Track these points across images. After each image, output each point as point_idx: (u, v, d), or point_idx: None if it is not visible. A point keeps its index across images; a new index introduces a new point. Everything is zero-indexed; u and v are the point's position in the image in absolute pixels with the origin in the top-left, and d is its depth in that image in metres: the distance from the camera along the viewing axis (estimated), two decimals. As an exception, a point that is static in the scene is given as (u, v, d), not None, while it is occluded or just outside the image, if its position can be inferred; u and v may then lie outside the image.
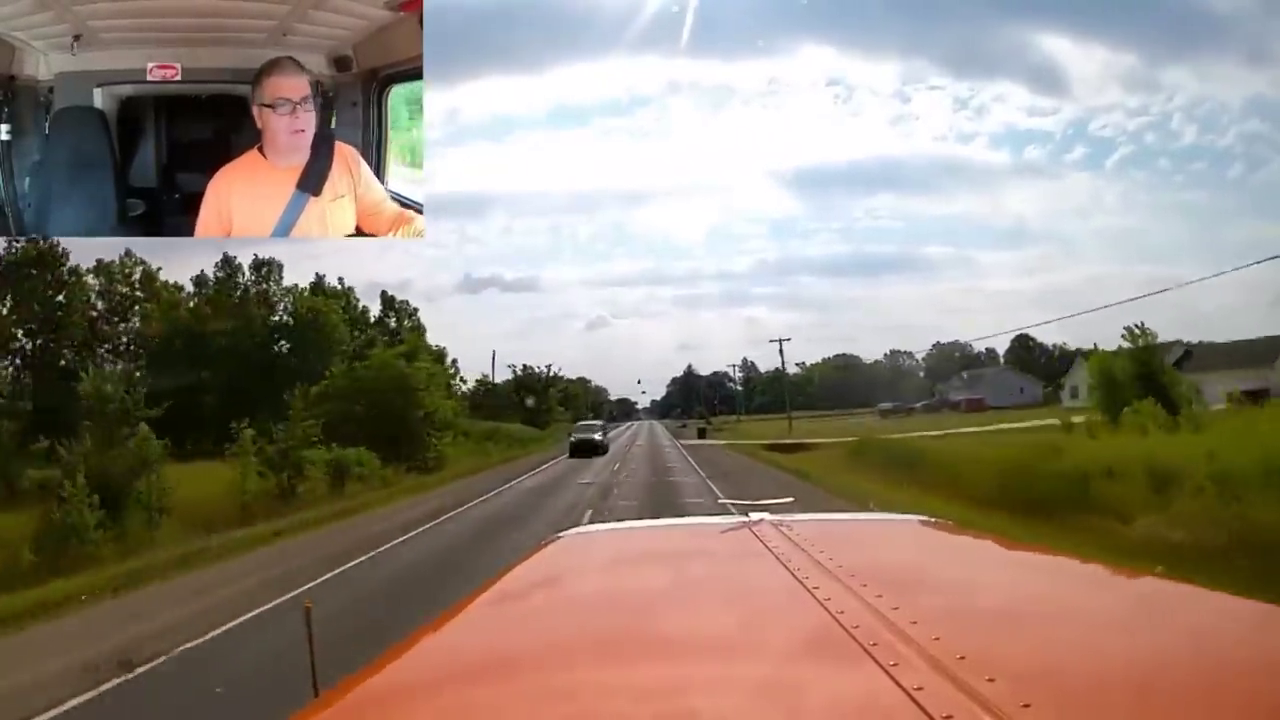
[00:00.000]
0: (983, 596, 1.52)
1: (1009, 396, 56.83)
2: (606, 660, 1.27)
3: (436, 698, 1.20)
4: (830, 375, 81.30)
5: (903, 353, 79.07)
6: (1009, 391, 59.06)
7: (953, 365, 72.48)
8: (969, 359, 74.14)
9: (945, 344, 74.85)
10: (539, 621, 1.56)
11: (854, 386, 73.48)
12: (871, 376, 73.73)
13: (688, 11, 61.25)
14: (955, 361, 73.81)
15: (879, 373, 75.81)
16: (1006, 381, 62.78)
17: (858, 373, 76.73)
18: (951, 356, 74.79)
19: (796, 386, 74.24)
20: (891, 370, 78.16)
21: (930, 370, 76.60)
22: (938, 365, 75.14)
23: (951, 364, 73.32)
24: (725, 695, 1.07)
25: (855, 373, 77.25)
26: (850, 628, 1.18)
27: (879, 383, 71.51)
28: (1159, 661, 1.13)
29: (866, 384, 71.01)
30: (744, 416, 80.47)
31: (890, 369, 78.24)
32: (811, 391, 76.29)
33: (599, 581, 1.86)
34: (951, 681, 0.98)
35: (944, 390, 66.91)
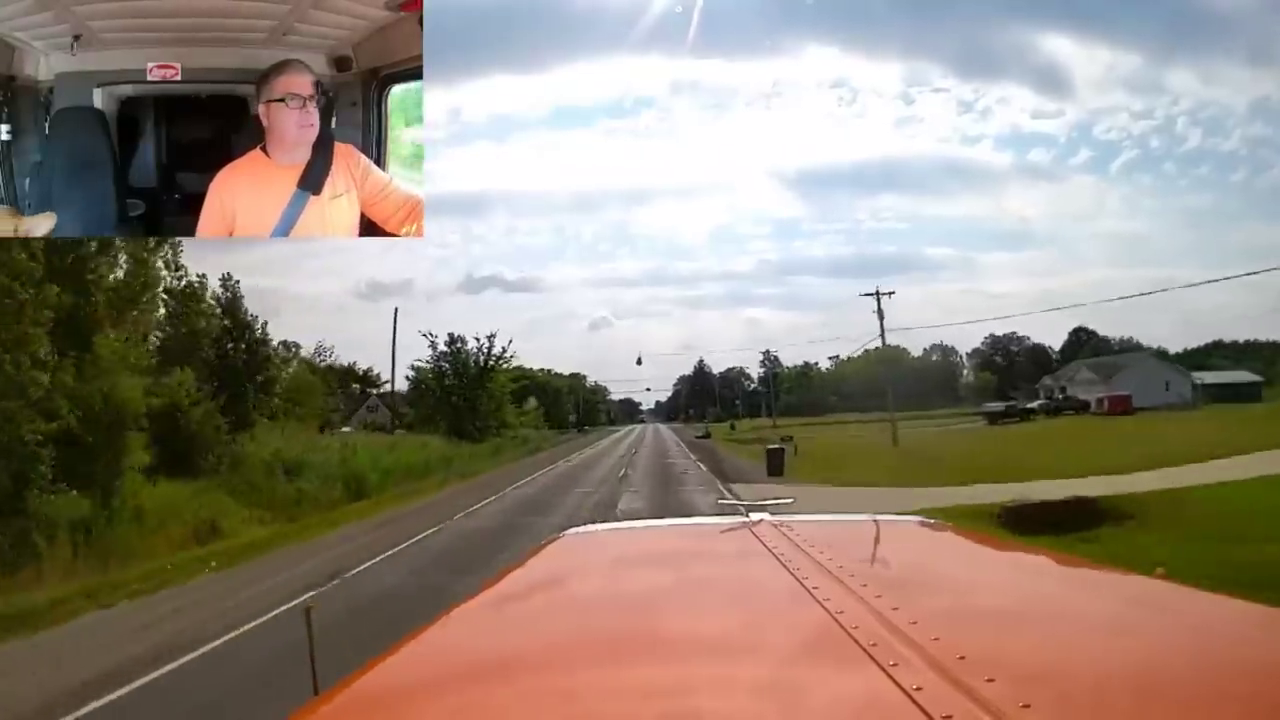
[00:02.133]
0: (982, 597, 1.52)
1: (1156, 394, 45.64)
2: (607, 660, 1.27)
3: (436, 697, 1.20)
4: (869, 371, 66.16)
5: (947, 346, 70.30)
6: (1155, 387, 46.83)
7: (1023, 364, 64.28)
8: (1030, 353, 65.79)
9: (1001, 336, 67.15)
10: (539, 621, 1.56)
11: (903, 384, 60.10)
12: (921, 372, 63.80)
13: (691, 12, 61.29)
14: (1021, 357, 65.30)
15: (931, 369, 66.45)
16: (1151, 374, 48.91)
17: (904, 368, 64.44)
18: (1007, 350, 67.68)
19: (829, 384, 68.09)
20: (943, 365, 69.21)
21: (987, 364, 67.89)
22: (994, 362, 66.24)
23: (1022, 362, 64.72)
24: (725, 695, 1.07)
25: (901, 368, 63.60)
26: (850, 628, 1.18)
27: (929, 379, 63.06)
28: (1159, 662, 1.13)
29: (916, 380, 60.29)
30: (769, 419, 67.01)
31: (942, 364, 69.27)
32: (848, 390, 64.28)
33: (599, 581, 1.86)
34: (951, 682, 0.98)
35: (1052, 388, 55.58)
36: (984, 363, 70.77)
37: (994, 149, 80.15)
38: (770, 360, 78.60)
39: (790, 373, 77.36)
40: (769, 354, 77.99)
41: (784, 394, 73.94)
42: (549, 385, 70.39)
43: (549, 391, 69.42)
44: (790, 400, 70.94)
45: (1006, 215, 76.22)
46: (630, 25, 62.85)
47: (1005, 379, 65.49)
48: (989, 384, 64.82)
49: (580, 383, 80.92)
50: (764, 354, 77.79)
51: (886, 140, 70.53)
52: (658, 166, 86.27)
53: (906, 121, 75.97)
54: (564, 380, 76.32)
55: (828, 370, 73.41)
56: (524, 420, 53.97)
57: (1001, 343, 68.93)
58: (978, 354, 71.07)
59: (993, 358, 69.71)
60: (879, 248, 77.07)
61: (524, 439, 50.82)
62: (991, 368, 68.98)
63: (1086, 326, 62.63)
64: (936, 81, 77.66)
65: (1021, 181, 67.60)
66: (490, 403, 46.46)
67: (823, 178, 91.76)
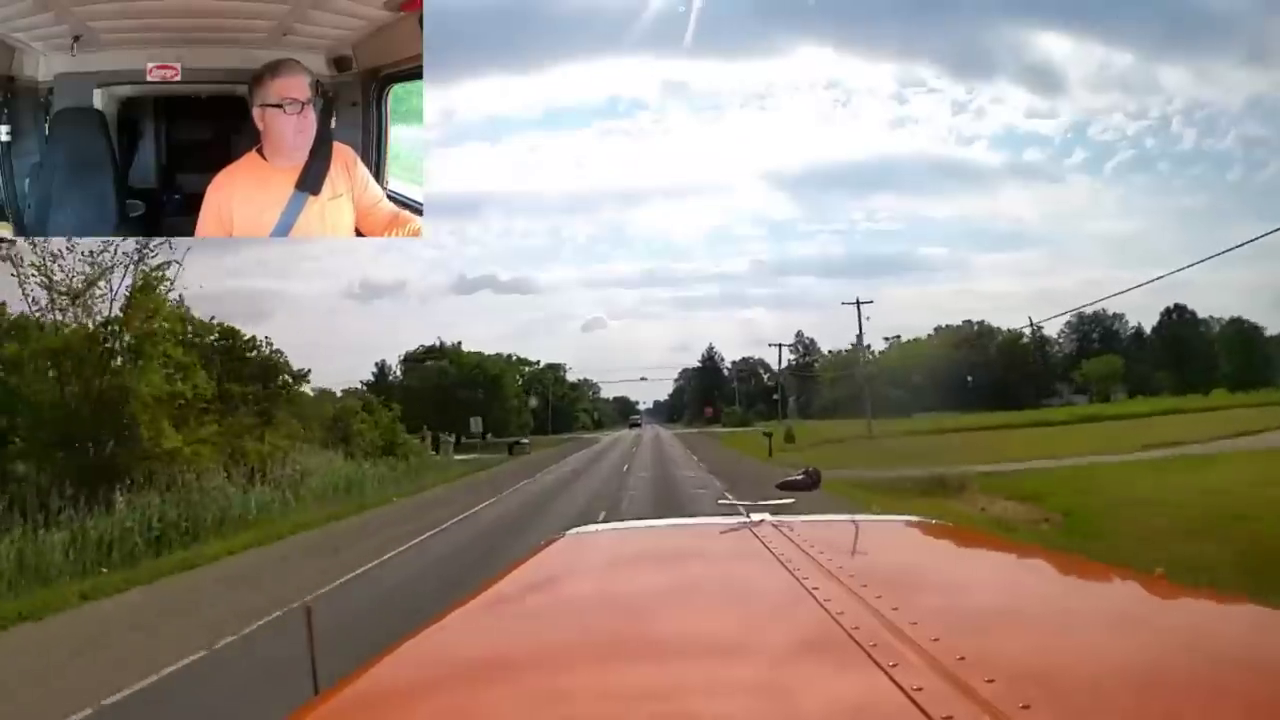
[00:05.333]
0: (982, 597, 1.52)
1: None
2: (606, 661, 1.27)
3: (435, 697, 1.20)
4: (941, 356, 52.89)
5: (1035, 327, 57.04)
6: None
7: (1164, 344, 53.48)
8: (1137, 335, 55.92)
9: (1089, 315, 55.97)
10: (539, 621, 1.56)
11: (988, 371, 51.65)
12: (1014, 356, 52.35)
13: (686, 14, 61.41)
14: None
15: (1017, 352, 54.07)
16: None
17: (989, 351, 52.82)
18: (1107, 330, 57.41)
19: (889, 374, 52.92)
20: (1030, 347, 56.01)
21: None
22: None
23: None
24: (725, 696, 1.07)
25: (985, 351, 53.08)
26: (850, 629, 1.18)
27: (1021, 364, 52.33)
28: (1159, 662, 1.13)
29: (1006, 366, 50.65)
30: (801, 419, 55.38)
31: (1030, 346, 56.19)
32: (916, 381, 51.01)
33: (599, 581, 1.86)
34: (951, 682, 0.98)
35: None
36: (1081, 342, 57.10)
37: (988, 149, 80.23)
38: (803, 344, 65.58)
39: (837, 360, 60.36)
40: (801, 337, 66.04)
41: (827, 388, 59.29)
42: (480, 372, 52.63)
43: (490, 378, 53.29)
44: (839, 395, 54.72)
45: (1001, 215, 76.17)
46: (626, 27, 63.02)
47: (1135, 365, 53.70)
48: (1116, 370, 53.21)
49: (553, 375, 68.93)
50: (795, 337, 66.00)
51: (881, 141, 70.64)
52: (653, 167, 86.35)
53: (901, 122, 76.18)
54: (508, 366, 58.80)
55: (880, 355, 58.47)
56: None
57: (1088, 323, 57.69)
58: (1075, 332, 57.84)
59: (1089, 335, 57.82)
60: (874, 248, 76.97)
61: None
62: (1112, 348, 56.13)
63: (1182, 304, 53.87)
64: (931, 82, 78.13)
65: (1016, 182, 67.54)
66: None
67: (818, 178, 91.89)
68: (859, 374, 47.07)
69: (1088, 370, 54.57)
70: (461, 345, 55.98)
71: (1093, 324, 57.95)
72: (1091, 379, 54.27)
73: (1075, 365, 56.79)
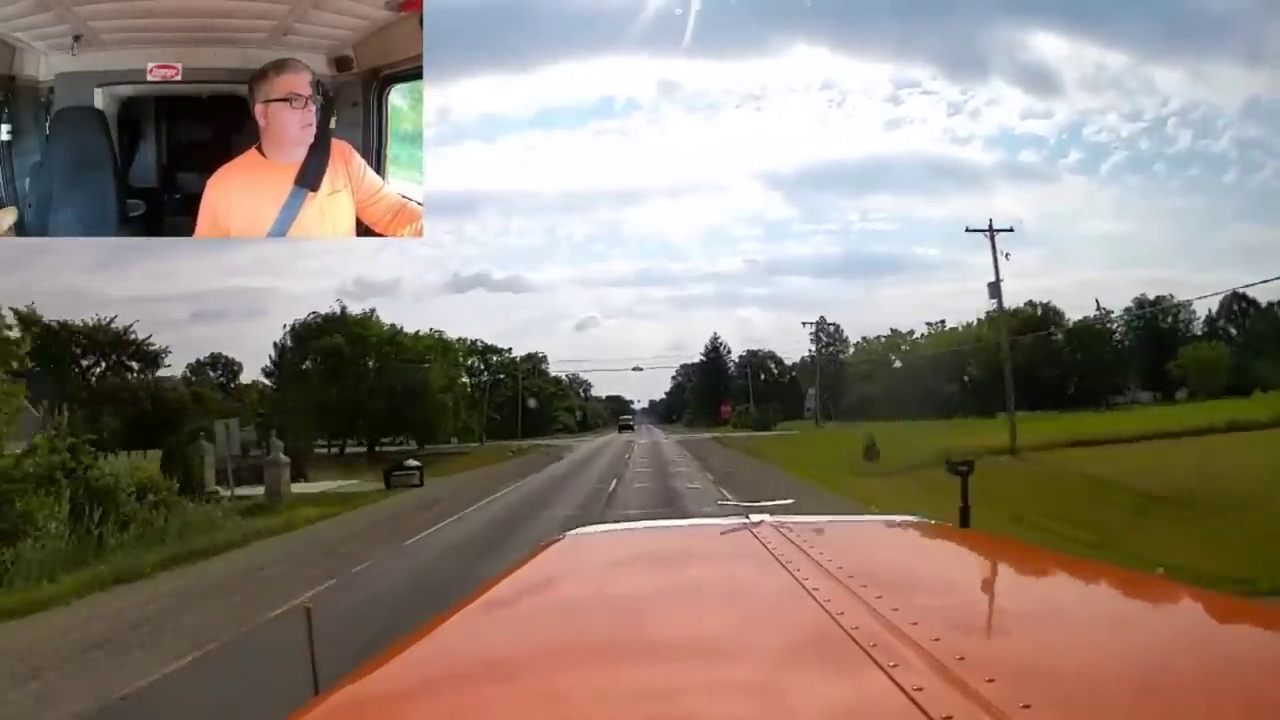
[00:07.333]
0: (982, 597, 1.52)
1: None
2: (607, 661, 1.27)
3: (435, 698, 1.20)
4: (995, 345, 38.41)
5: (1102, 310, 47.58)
6: None
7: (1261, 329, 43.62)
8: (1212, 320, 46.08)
9: (1150, 300, 45.69)
10: (539, 622, 1.56)
11: (1058, 362, 42.91)
12: (1087, 346, 44.57)
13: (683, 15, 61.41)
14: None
15: (1090, 340, 45.81)
16: None
17: (1054, 339, 43.78)
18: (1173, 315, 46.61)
19: (935, 366, 44.93)
20: (1103, 334, 46.67)
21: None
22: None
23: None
24: (725, 697, 1.07)
25: (1047, 341, 43.44)
26: (850, 629, 1.18)
27: (1103, 355, 44.43)
28: (1159, 661, 1.13)
29: (1082, 357, 42.85)
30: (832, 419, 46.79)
31: (1102, 332, 46.70)
32: (973, 374, 44.12)
33: (599, 583, 1.86)
34: (951, 682, 0.98)
35: None
36: (1146, 332, 47.24)
37: (983, 150, 79.75)
38: (828, 333, 54.22)
39: (872, 350, 51.63)
40: (823, 321, 53.76)
41: (860, 382, 50.47)
42: (394, 351, 37.71)
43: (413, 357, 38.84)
44: (870, 390, 46.72)
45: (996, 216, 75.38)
46: (623, 27, 62.97)
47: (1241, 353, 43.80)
48: (1222, 360, 43.03)
49: (531, 367, 58.04)
50: (817, 322, 53.46)
51: (876, 141, 70.08)
52: (648, 167, 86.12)
53: (896, 122, 75.62)
54: (438, 346, 44.61)
55: (921, 339, 50.27)
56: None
57: (1152, 305, 47.18)
58: (1136, 320, 47.55)
59: (1155, 324, 47.68)
60: (869, 248, 76.39)
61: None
62: (1216, 334, 46.64)
63: (1242, 291, 43.27)
64: (926, 83, 77.50)
65: (1011, 182, 67.29)
66: None
67: (813, 178, 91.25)
68: (909, 362, 40.77)
69: (1183, 359, 43.94)
70: (376, 314, 41.48)
71: (1158, 312, 46.94)
72: (1188, 369, 43.67)
73: (1141, 357, 46.92)
